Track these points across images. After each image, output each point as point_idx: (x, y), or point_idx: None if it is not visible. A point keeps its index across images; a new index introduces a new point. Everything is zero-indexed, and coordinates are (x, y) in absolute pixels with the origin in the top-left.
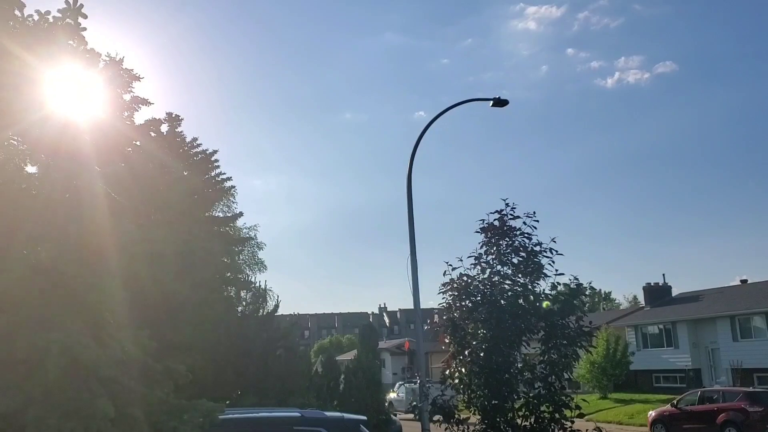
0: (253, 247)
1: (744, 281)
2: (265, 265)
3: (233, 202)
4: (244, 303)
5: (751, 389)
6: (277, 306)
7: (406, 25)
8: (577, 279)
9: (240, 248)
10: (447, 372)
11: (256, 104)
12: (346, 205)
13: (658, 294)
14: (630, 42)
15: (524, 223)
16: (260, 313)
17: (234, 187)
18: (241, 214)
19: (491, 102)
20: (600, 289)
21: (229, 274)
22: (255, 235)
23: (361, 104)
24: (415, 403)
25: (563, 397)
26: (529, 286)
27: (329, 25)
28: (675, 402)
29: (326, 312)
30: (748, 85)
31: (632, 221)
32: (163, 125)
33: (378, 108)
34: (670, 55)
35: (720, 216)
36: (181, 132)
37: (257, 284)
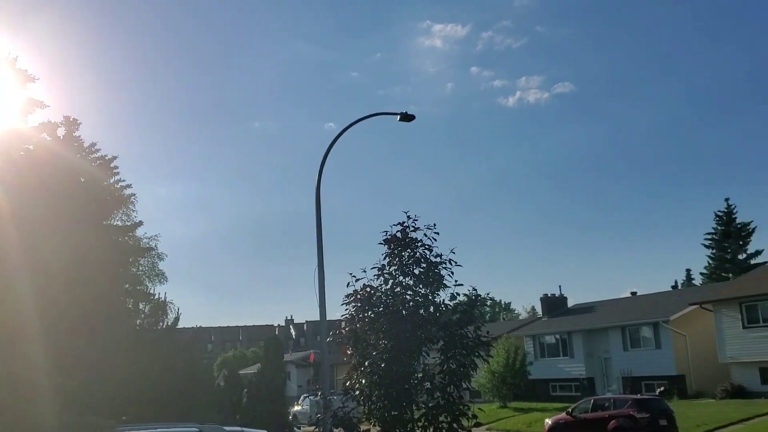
0: (154, 258)
1: (634, 293)
2: (165, 277)
3: (133, 211)
4: (142, 315)
5: (639, 396)
6: (177, 319)
7: (316, 35)
8: (475, 290)
9: (139, 258)
10: (347, 384)
11: (161, 109)
12: (253, 215)
13: (555, 305)
14: (531, 62)
15: (425, 235)
16: (160, 326)
17: (134, 194)
18: (141, 222)
19: (398, 116)
20: (501, 300)
21: (127, 285)
22: (156, 245)
23: (270, 113)
24: (319, 415)
25: (461, 407)
26: (430, 297)
27: (239, 31)
28: (570, 410)
29: (230, 325)
30: (641, 105)
31: (532, 234)
32: (59, 129)
33: (287, 118)
34: (568, 75)
35: (613, 230)
36: (79, 136)
37: (157, 296)
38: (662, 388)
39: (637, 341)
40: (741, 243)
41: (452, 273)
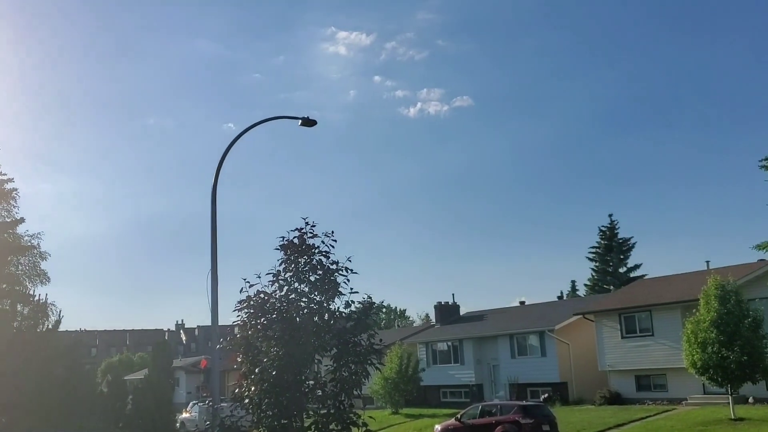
0: (35, 257)
1: (522, 302)
2: (48, 277)
3: (14, 206)
4: (20, 317)
5: (524, 403)
6: (59, 321)
7: (219, 34)
8: (370, 297)
9: (19, 257)
10: (237, 391)
11: (48, 101)
12: (145, 214)
13: (447, 312)
14: (432, 75)
15: (323, 242)
16: (39, 329)
17: (16, 189)
18: (22, 219)
19: (300, 121)
20: (396, 307)
21: (4, 285)
22: (38, 244)
23: (167, 110)
24: (208, 423)
25: (351, 415)
26: (325, 304)
27: (137, 25)
28: (459, 416)
29: (117, 329)
30: (534, 122)
31: (428, 243)
32: None
33: (185, 116)
34: (467, 90)
35: (506, 241)
36: None
37: (37, 297)
38: (546, 395)
39: (524, 349)
40: (622, 257)
41: (348, 280)
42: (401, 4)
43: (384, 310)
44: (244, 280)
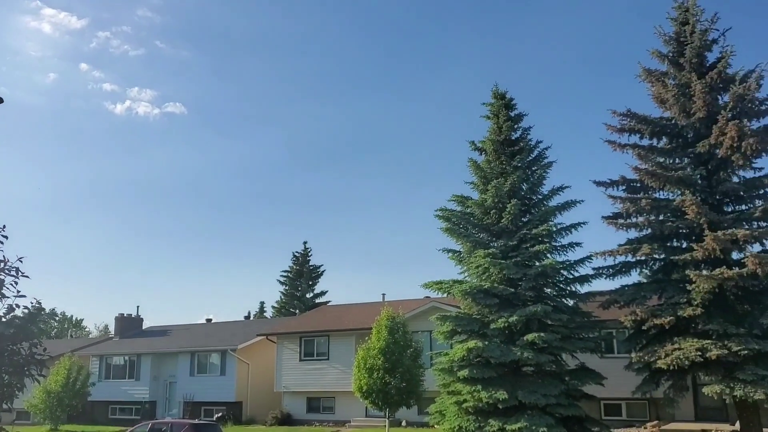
0: None
1: (209, 320)
2: None
3: None
4: None
5: (196, 421)
6: None
7: None
8: (39, 303)
9: None
10: None
11: None
12: None
13: (129, 325)
14: (146, 75)
15: None
16: None
17: None
18: None
19: None
20: (72, 316)
21: None
22: None
23: None
24: None
25: None
26: None
27: None
28: None
29: None
30: (243, 141)
31: (117, 250)
32: None
33: None
34: (180, 97)
35: (198, 256)
36: None
37: None
38: (220, 414)
39: (204, 367)
40: (311, 283)
41: (17, 282)
42: None
43: (57, 318)
44: None
